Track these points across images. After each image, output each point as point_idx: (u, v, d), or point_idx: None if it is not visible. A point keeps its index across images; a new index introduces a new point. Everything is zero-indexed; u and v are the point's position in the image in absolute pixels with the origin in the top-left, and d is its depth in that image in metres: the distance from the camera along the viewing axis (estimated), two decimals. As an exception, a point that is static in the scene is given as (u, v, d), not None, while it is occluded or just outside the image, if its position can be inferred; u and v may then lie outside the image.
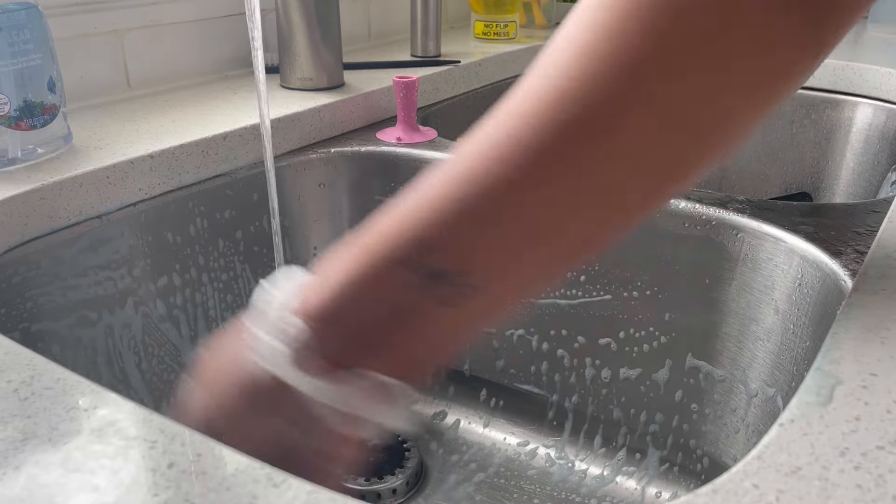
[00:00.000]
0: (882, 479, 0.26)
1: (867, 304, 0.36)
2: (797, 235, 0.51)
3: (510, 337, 0.68)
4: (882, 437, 0.28)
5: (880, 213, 0.54)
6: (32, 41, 0.52)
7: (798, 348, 0.50)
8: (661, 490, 0.63)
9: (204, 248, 0.61)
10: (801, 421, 0.28)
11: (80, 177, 0.52)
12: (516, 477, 0.66)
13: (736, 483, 0.25)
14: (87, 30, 0.69)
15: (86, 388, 0.30)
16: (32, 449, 0.27)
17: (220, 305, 0.63)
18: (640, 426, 0.64)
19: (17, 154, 0.53)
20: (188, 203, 0.59)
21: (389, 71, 0.83)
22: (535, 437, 0.68)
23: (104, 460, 0.26)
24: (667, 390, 0.61)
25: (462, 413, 0.72)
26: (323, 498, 0.25)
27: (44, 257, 0.50)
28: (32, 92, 0.53)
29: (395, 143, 0.69)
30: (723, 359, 0.58)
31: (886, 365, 0.32)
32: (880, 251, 0.42)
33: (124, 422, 0.29)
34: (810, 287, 0.50)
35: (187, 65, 0.78)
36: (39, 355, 0.33)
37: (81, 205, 0.52)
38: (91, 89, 0.70)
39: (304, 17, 0.72)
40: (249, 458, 0.26)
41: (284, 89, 0.75)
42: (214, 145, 0.60)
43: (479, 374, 0.71)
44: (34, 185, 0.50)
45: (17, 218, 0.49)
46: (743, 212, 0.55)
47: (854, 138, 0.89)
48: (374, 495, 0.63)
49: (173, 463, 0.26)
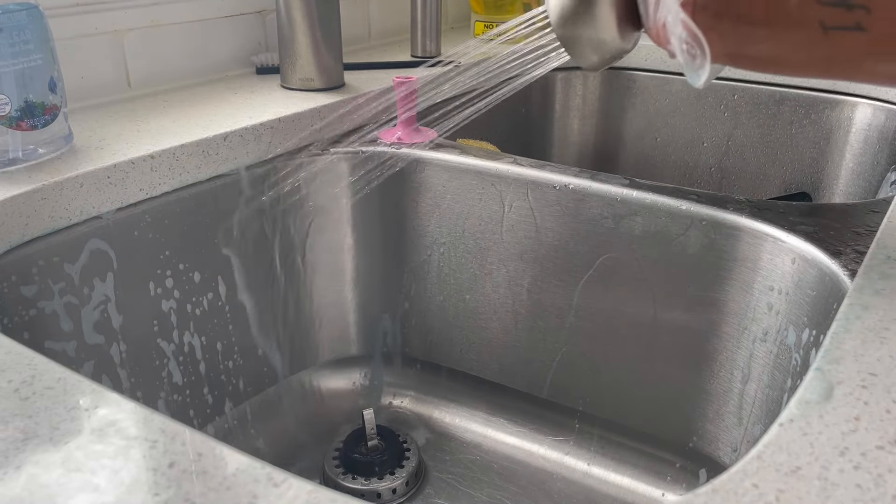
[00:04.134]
0: (882, 479, 0.26)
1: (867, 304, 0.36)
2: (797, 235, 0.51)
3: (510, 337, 0.68)
4: (882, 436, 0.28)
5: (880, 213, 0.54)
6: (33, 41, 0.52)
7: (797, 348, 0.50)
8: (661, 490, 0.63)
9: (204, 248, 0.61)
10: (801, 420, 0.28)
11: (80, 177, 0.52)
12: (516, 477, 0.66)
13: (736, 483, 0.26)
14: (88, 30, 0.69)
15: (86, 387, 0.31)
16: (33, 449, 0.27)
17: (221, 305, 0.63)
18: (640, 426, 0.64)
19: (18, 154, 0.53)
20: (189, 203, 0.59)
21: (389, 71, 0.83)
22: (535, 437, 0.68)
23: (105, 460, 0.27)
24: (666, 390, 0.61)
25: (461, 412, 0.72)
26: (323, 497, 0.25)
27: (45, 257, 0.50)
28: (33, 92, 0.53)
29: (395, 143, 0.69)
30: (722, 358, 0.58)
31: (886, 365, 0.32)
32: (880, 251, 0.42)
33: (125, 421, 0.29)
34: (810, 287, 0.50)
35: (187, 65, 0.78)
36: (40, 355, 0.33)
37: (82, 205, 0.52)
38: (92, 89, 0.70)
39: (305, 17, 0.73)
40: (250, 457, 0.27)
41: (285, 89, 0.75)
42: (215, 145, 0.60)
43: (477, 373, 0.71)
44: (35, 185, 0.50)
45: (18, 218, 0.49)
46: (742, 212, 0.55)
47: (853, 138, 0.89)
48: (374, 495, 0.63)
49: (174, 462, 0.26)
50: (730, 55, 0.34)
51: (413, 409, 0.73)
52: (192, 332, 0.61)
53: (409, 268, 0.71)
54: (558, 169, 0.62)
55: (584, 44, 0.40)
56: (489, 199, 0.65)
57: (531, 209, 0.63)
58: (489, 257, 0.66)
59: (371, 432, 0.65)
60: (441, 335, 0.72)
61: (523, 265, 0.65)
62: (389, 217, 0.70)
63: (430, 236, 0.69)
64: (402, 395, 0.74)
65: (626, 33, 0.39)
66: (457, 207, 0.67)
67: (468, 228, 0.67)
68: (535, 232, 0.63)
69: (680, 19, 0.33)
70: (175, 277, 0.59)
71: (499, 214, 0.65)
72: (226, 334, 0.64)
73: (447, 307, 0.70)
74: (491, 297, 0.68)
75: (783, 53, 0.34)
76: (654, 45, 0.40)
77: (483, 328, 0.69)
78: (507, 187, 0.64)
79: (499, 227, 0.65)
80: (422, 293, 0.71)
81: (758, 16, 0.33)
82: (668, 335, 0.60)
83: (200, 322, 0.62)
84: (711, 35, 0.33)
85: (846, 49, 0.32)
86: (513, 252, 0.65)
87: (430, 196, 0.68)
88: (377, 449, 0.65)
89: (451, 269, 0.69)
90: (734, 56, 0.34)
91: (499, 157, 0.65)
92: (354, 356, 0.76)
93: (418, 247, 0.70)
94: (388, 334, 0.75)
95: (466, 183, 0.65)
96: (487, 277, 0.67)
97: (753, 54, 0.34)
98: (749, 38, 0.33)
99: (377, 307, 0.74)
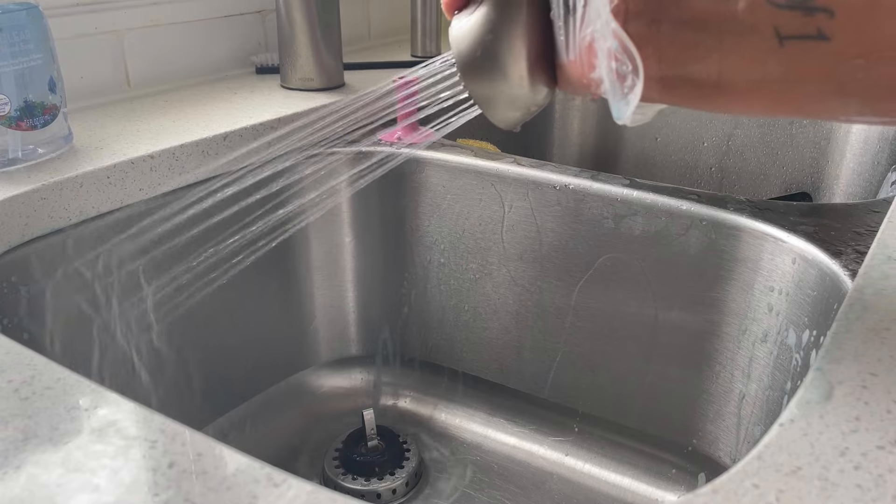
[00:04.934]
0: (882, 479, 0.26)
1: (867, 304, 0.36)
2: (797, 235, 0.51)
3: (510, 337, 0.68)
4: (882, 436, 0.28)
5: (880, 214, 0.54)
6: (33, 41, 0.52)
7: (798, 349, 0.50)
8: (661, 490, 0.63)
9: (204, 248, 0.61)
10: (802, 421, 0.28)
11: (80, 177, 0.52)
12: (516, 476, 0.66)
13: (736, 483, 0.25)
14: (88, 30, 0.69)
15: (86, 387, 0.31)
16: (33, 449, 0.27)
17: (221, 305, 0.63)
18: (640, 426, 0.64)
19: (18, 154, 0.53)
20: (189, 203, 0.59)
21: (389, 71, 0.83)
22: (535, 437, 0.68)
23: (105, 460, 0.26)
24: (667, 390, 0.61)
25: (461, 413, 0.72)
26: (322, 498, 0.25)
27: (44, 257, 0.50)
28: (33, 92, 0.53)
29: (396, 143, 0.69)
30: (723, 359, 0.58)
31: (886, 365, 0.32)
32: (880, 251, 0.42)
33: (125, 421, 0.29)
34: (810, 287, 0.50)
35: (187, 65, 0.78)
36: (40, 355, 0.33)
37: (82, 205, 0.52)
38: (91, 89, 0.70)
39: (305, 17, 0.73)
40: (250, 457, 0.26)
41: (284, 89, 0.75)
42: (215, 145, 0.60)
43: (477, 373, 0.71)
44: (34, 185, 0.50)
45: (18, 218, 0.49)
46: (743, 212, 0.55)
47: (854, 138, 0.89)
48: (374, 495, 0.63)
49: (174, 462, 0.26)
50: (665, 79, 0.28)
51: (413, 410, 0.73)
52: (191, 331, 0.61)
53: (409, 268, 0.71)
54: (558, 169, 0.62)
55: (499, 101, 0.35)
56: (489, 199, 0.65)
57: (531, 209, 0.63)
58: (489, 257, 0.66)
59: (371, 432, 0.65)
60: (441, 335, 0.72)
61: (523, 265, 0.65)
62: (389, 217, 0.70)
63: (430, 236, 0.69)
64: (402, 395, 0.74)
65: (540, 82, 0.34)
66: (457, 207, 0.67)
67: (468, 228, 0.67)
68: (536, 232, 0.63)
69: (611, 28, 0.28)
70: (176, 277, 0.59)
71: (499, 214, 0.65)
72: (226, 334, 0.64)
73: (447, 307, 0.70)
74: (491, 298, 0.68)
75: (730, 72, 0.27)
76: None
77: (483, 328, 0.69)
78: (507, 187, 0.64)
79: (499, 227, 0.65)
80: (422, 293, 0.71)
81: (699, 19, 0.27)
82: (668, 335, 0.60)
83: (200, 322, 0.62)
84: (646, 50, 0.28)
85: (806, 64, 0.26)
86: (513, 252, 0.65)
87: (430, 196, 0.68)
88: (377, 449, 0.65)
89: (451, 270, 0.69)
90: (671, 81, 0.28)
91: (499, 157, 0.65)
92: (354, 356, 0.76)
93: (418, 247, 0.70)
94: (388, 334, 0.75)
95: (466, 183, 0.65)
96: (487, 278, 0.67)
97: (694, 75, 0.28)
98: (690, 51, 0.28)
99: (377, 307, 0.74)
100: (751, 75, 0.27)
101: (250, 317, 0.66)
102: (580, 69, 0.31)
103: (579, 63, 0.31)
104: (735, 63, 0.27)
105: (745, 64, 0.27)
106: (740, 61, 0.27)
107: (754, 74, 0.27)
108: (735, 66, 0.27)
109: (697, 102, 0.29)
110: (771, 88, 0.27)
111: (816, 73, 0.26)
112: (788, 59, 0.26)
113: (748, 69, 0.27)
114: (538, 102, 0.35)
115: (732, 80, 0.27)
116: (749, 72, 0.27)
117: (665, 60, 0.28)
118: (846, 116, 0.28)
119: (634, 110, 0.29)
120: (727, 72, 0.27)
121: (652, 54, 0.28)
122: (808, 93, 0.27)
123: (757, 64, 0.27)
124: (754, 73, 0.27)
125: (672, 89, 0.29)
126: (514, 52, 0.33)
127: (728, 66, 0.27)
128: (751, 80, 0.27)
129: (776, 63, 0.26)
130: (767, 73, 0.27)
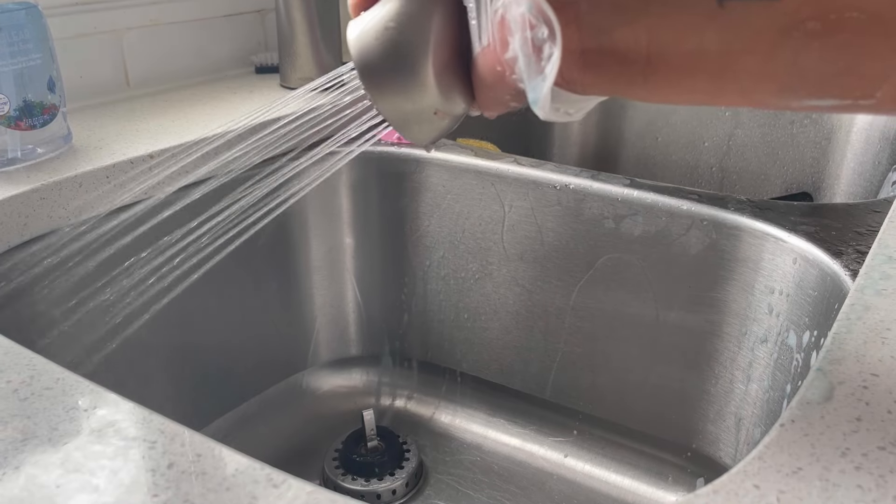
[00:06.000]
0: (883, 480, 0.25)
1: (868, 304, 0.36)
2: (798, 235, 0.51)
3: (511, 337, 0.68)
4: (883, 437, 0.27)
5: (881, 213, 0.53)
6: (32, 41, 0.52)
7: (799, 349, 0.50)
8: (661, 490, 0.63)
9: (204, 248, 0.61)
10: (802, 421, 0.28)
11: (79, 176, 0.52)
12: (516, 477, 0.66)
13: (737, 483, 0.25)
14: (87, 30, 0.69)
15: (85, 388, 0.30)
16: (32, 449, 0.27)
17: (221, 305, 0.63)
18: (640, 426, 0.64)
19: (17, 154, 0.53)
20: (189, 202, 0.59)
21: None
22: (535, 437, 0.68)
23: (104, 460, 0.26)
24: (667, 391, 0.61)
25: (462, 413, 0.72)
26: (322, 498, 0.25)
27: (44, 257, 0.50)
28: (32, 92, 0.52)
29: (396, 143, 0.69)
30: (723, 359, 0.57)
31: (887, 365, 0.32)
32: (881, 251, 0.42)
33: (124, 422, 0.28)
34: (811, 287, 0.49)
35: (187, 65, 0.78)
36: (39, 355, 0.33)
37: (81, 205, 0.52)
38: (91, 89, 0.70)
39: (305, 16, 0.72)
40: (249, 458, 0.26)
41: (284, 89, 0.75)
42: (214, 145, 0.60)
43: (478, 374, 0.71)
44: (34, 185, 0.50)
45: (17, 218, 0.49)
46: (743, 211, 0.55)
47: (854, 138, 0.89)
48: (374, 495, 0.63)
49: (173, 463, 0.26)
50: (587, 53, 0.24)
51: (413, 410, 0.73)
52: (191, 331, 0.61)
53: (409, 268, 0.71)
54: (558, 169, 0.62)
55: (408, 110, 0.31)
56: (489, 199, 0.65)
57: (531, 209, 0.63)
58: (489, 257, 0.66)
59: (371, 433, 0.65)
60: (441, 335, 0.72)
61: (524, 265, 0.65)
62: (389, 217, 0.70)
63: (430, 236, 0.69)
64: (401, 395, 0.74)
65: (455, 89, 0.30)
66: (457, 207, 0.67)
67: (468, 228, 0.67)
68: (536, 232, 0.63)
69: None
70: (176, 277, 0.59)
71: (499, 214, 0.65)
72: (225, 334, 0.64)
73: (447, 307, 0.70)
74: (491, 298, 0.68)
75: (660, 41, 0.23)
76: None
77: (483, 328, 0.69)
78: (507, 187, 0.63)
79: (499, 227, 0.65)
80: (422, 293, 0.71)
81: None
82: (669, 336, 0.60)
83: (200, 322, 0.62)
84: (565, 14, 0.24)
85: (750, 31, 0.22)
86: (513, 252, 0.65)
87: (430, 196, 0.68)
88: (377, 450, 0.65)
89: (452, 270, 0.69)
90: (593, 55, 0.24)
91: (499, 157, 0.65)
92: (354, 356, 0.76)
93: (418, 247, 0.70)
94: (388, 335, 0.75)
95: (466, 183, 0.65)
96: (488, 278, 0.67)
97: (620, 46, 0.24)
98: (613, 15, 0.24)
99: (377, 307, 0.74)
100: (685, 45, 0.23)
101: (250, 317, 0.66)
102: (493, 54, 0.27)
103: (492, 46, 0.27)
104: (666, 30, 0.23)
105: (677, 32, 0.23)
106: (672, 28, 0.23)
107: (689, 44, 0.23)
108: (666, 35, 0.23)
109: (625, 84, 0.25)
110: (709, 64, 0.23)
111: (763, 43, 0.22)
112: (729, 24, 0.22)
113: (681, 38, 0.23)
114: (453, 111, 0.31)
115: (664, 52, 0.23)
116: (683, 41, 0.23)
117: (585, 28, 0.24)
118: (799, 101, 0.24)
119: (559, 104, 0.26)
120: (657, 41, 0.23)
121: (572, 20, 0.24)
122: (754, 69, 0.23)
123: (692, 31, 0.23)
124: (689, 43, 0.23)
125: (595, 66, 0.25)
126: (422, 42, 0.29)
127: (658, 34, 0.23)
128: (685, 53, 0.23)
129: (715, 30, 0.23)
130: (705, 42, 0.23)
